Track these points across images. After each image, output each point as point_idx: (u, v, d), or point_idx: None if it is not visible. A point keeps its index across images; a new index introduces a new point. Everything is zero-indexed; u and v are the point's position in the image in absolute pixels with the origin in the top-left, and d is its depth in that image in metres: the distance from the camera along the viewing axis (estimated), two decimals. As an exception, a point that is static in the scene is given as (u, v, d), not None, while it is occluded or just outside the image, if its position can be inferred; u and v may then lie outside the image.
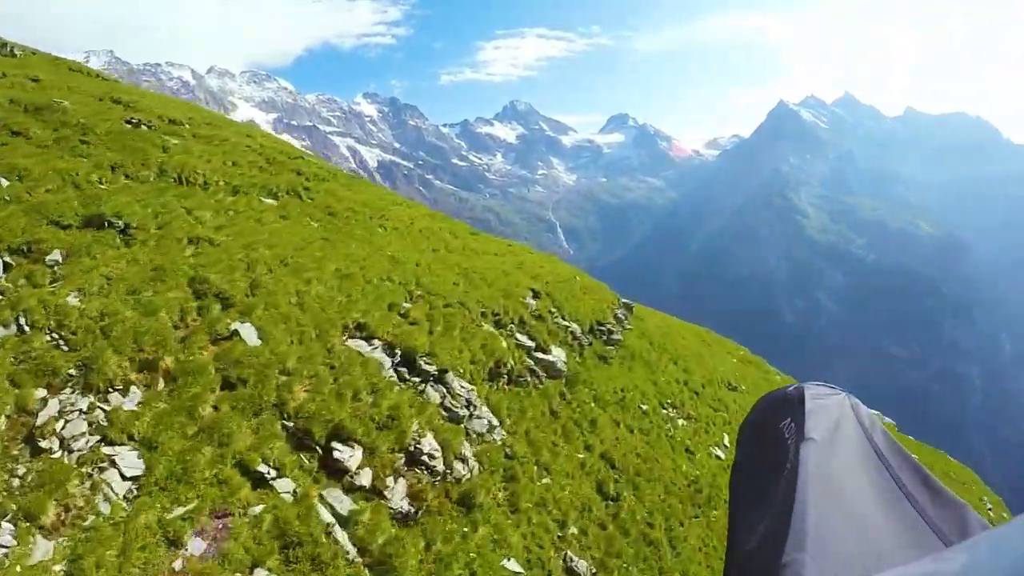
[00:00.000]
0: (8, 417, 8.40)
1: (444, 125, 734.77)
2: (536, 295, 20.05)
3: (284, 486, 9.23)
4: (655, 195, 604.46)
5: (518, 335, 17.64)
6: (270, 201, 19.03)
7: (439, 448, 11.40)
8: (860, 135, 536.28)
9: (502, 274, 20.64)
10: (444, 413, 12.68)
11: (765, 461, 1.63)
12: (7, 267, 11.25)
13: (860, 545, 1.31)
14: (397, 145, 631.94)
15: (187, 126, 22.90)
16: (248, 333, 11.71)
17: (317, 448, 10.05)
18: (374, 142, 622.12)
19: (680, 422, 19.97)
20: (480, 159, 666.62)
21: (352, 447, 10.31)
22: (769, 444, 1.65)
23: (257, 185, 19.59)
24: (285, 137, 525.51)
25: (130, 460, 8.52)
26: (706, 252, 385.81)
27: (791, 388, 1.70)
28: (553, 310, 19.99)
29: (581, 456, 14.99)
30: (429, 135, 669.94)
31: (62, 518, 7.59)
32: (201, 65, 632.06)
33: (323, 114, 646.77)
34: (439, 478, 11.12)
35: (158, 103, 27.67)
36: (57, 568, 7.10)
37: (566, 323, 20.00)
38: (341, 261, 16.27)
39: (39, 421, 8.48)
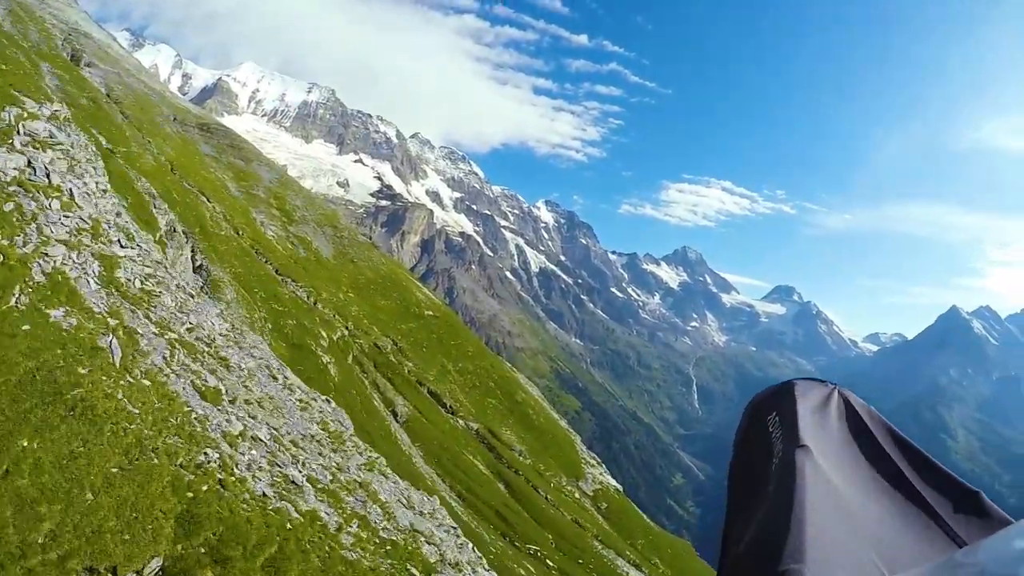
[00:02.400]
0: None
1: (613, 252, 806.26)
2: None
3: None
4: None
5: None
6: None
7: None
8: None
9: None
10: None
11: (754, 460, 1.86)
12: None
13: (865, 551, 1.42)
14: (563, 258, 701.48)
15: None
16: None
17: None
18: (542, 248, 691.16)
19: None
20: (638, 295, 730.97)
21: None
22: (757, 442, 1.88)
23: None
24: (461, 217, 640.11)
25: None
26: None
27: (778, 384, 1.97)
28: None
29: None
30: (596, 257, 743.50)
31: None
32: (407, 127, 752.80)
33: (503, 207, 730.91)
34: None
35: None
36: None
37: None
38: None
39: None
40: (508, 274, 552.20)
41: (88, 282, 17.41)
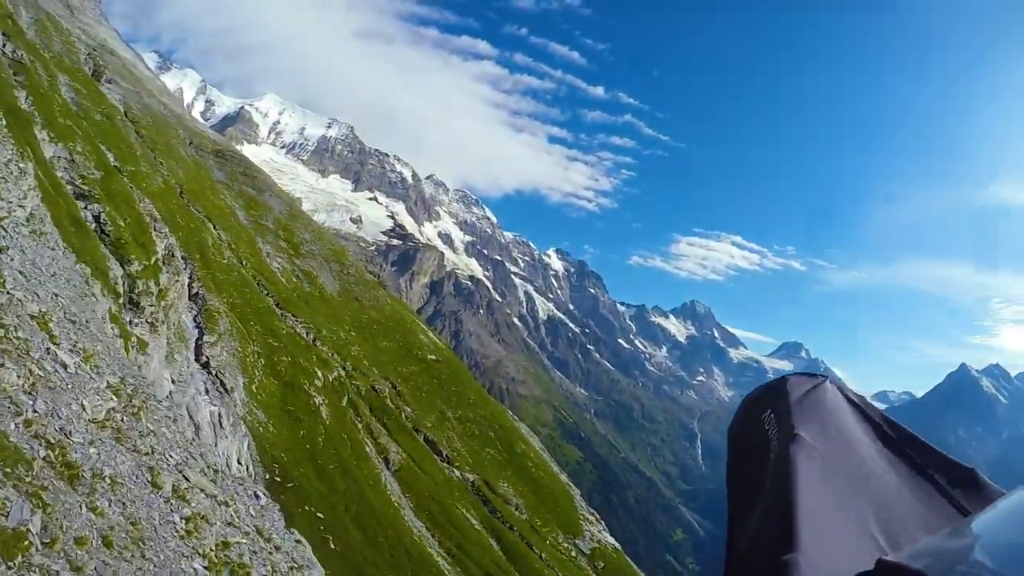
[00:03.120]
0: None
1: (621, 303, 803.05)
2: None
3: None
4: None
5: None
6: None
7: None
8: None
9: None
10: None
11: (751, 457, 1.92)
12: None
13: (864, 528, 1.48)
14: (571, 307, 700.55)
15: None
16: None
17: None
18: (551, 296, 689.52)
19: None
20: (645, 347, 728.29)
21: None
22: (753, 440, 1.95)
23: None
24: (472, 261, 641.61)
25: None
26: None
27: (771, 381, 2.05)
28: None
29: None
30: (604, 307, 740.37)
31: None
32: (422, 168, 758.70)
33: (513, 254, 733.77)
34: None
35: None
36: None
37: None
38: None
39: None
40: (516, 320, 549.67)
41: None
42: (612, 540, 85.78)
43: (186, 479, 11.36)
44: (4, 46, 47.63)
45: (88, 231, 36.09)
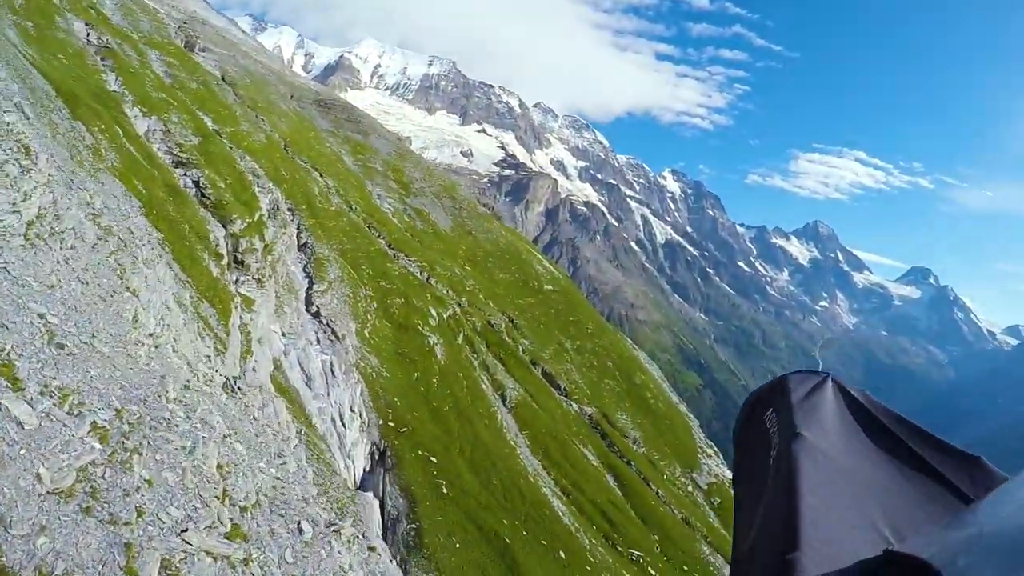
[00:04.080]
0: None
1: (740, 225, 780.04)
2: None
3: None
4: (933, 370, 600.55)
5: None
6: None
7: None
8: None
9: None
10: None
11: (754, 458, 1.95)
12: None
13: (868, 524, 1.51)
14: (689, 229, 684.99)
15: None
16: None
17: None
18: (668, 219, 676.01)
19: None
20: (766, 270, 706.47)
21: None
22: (756, 440, 1.97)
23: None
24: (586, 186, 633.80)
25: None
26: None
27: (772, 380, 2.09)
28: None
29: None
30: (723, 229, 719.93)
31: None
32: (529, 97, 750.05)
33: (628, 177, 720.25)
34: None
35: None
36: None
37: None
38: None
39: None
40: (633, 245, 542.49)
41: None
42: (729, 474, 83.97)
43: (187, 543, 9.19)
44: (88, 35, 49.60)
45: (185, 197, 36.56)
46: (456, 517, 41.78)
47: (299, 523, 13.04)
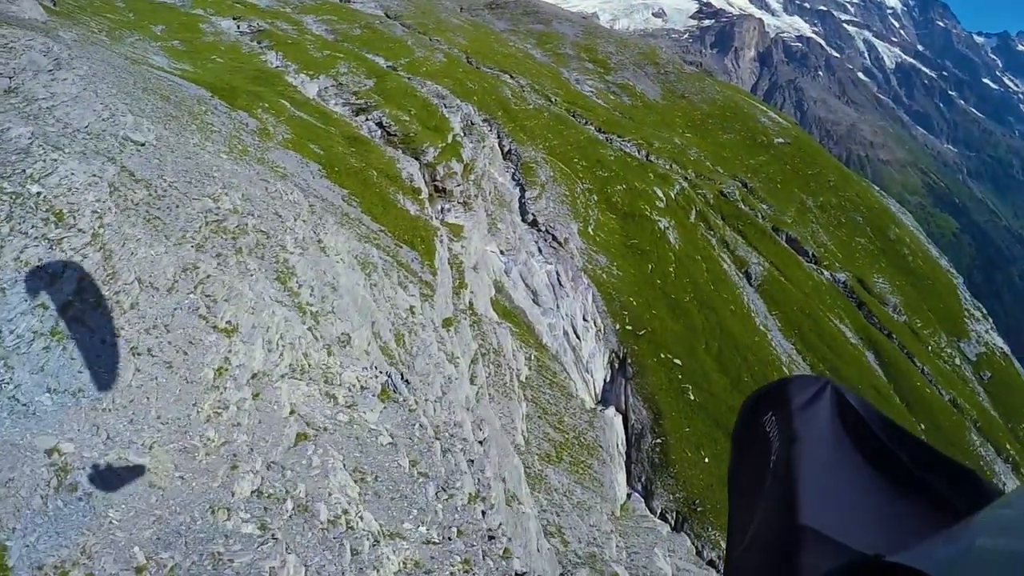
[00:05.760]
0: None
1: (978, 34, 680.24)
2: None
3: None
4: None
5: None
6: None
7: None
8: None
9: None
10: None
11: (752, 461, 1.94)
12: None
13: (862, 535, 1.52)
14: (920, 48, 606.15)
15: None
16: None
17: None
18: (894, 40, 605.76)
19: None
20: (1017, 85, 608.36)
21: None
22: (755, 444, 1.96)
23: None
24: (795, 19, 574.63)
25: None
26: None
27: (772, 383, 2.03)
28: None
29: None
30: (959, 42, 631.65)
31: None
32: None
33: None
34: None
35: None
36: None
37: None
38: None
39: None
40: (860, 75, 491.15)
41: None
42: (1000, 342, 74.29)
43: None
44: (239, 27, 51.38)
45: (368, 143, 36.16)
46: (704, 426, 39.50)
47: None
